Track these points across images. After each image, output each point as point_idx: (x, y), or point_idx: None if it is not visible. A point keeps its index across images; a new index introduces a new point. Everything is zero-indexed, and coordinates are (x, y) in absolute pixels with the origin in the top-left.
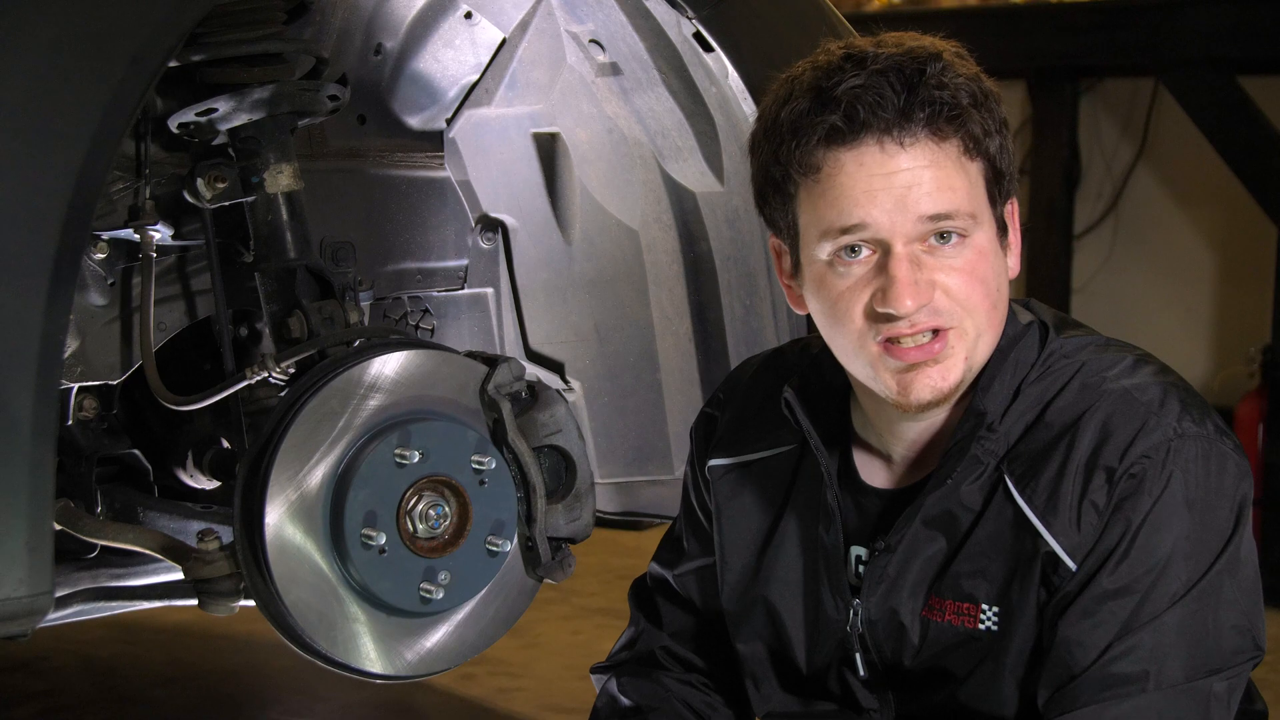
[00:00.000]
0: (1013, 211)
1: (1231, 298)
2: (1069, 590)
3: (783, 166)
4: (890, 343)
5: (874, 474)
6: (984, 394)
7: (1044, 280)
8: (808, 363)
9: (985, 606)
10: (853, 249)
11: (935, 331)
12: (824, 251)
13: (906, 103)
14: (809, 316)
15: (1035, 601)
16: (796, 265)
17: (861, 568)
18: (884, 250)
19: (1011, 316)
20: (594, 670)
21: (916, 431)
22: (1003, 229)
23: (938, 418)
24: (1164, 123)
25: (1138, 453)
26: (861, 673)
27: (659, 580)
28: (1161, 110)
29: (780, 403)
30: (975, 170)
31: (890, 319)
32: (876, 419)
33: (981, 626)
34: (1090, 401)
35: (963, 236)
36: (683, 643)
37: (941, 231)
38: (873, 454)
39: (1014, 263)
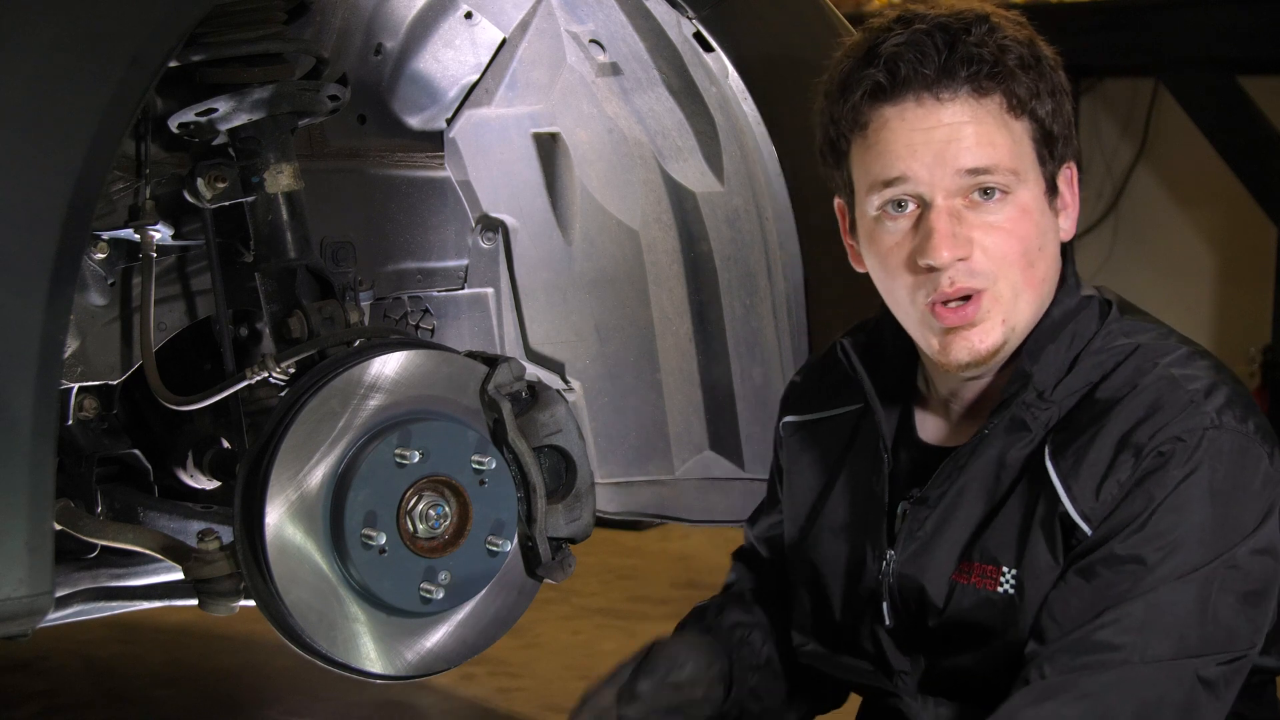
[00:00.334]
0: (1071, 177)
1: (1231, 298)
2: (1079, 552)
3: (836, 125)
4: (941, 304)
5: (933, 432)
6: (1032, 358)
7: None
8: (873, 322)
9: (1005, 569)
10: (899, 204)
11: (972, 293)
12: (873, 206)
13: (948, 59)
14: (809, 317)
15: (1057, 566)
16: (853, 223)
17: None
18: (925, 204)
19: (1072, 288)
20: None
21: (968, 387)
22: (1053, 190)
23: (987, 377)
24: (1164, 123)
25: (1170, 434)
26: (888, 621)
27: (745, 542)
28: (1161, 110)
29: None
30: (1020, 129)
31: (931, 271)
32: (932, 372)
33: (999, 590)
34: (1138, 382)
35: (1005, 193)
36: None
37: (984, 187)
38: (933, 412)
39: (1069, 225)
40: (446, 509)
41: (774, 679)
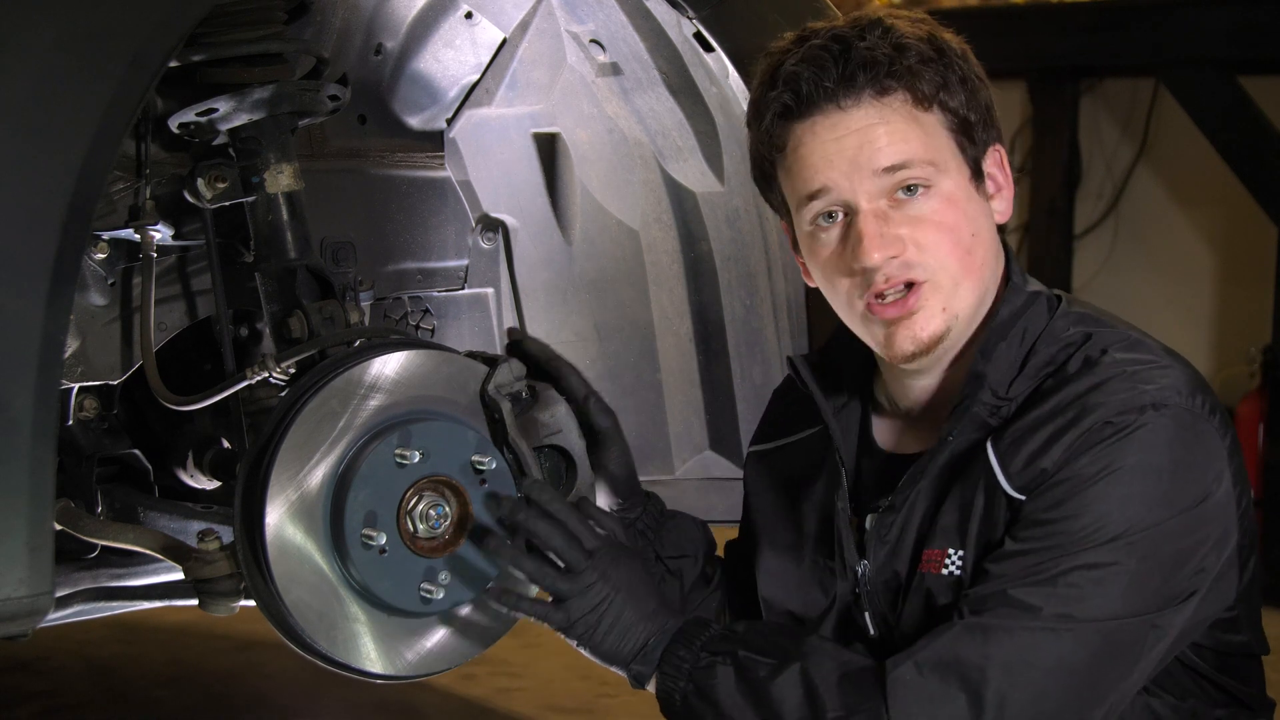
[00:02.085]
0: (1000, 159)
1: (1231, 298)
2: (1014, 518)
3: (758, 150)
4: (876, 299)
5: (891, 439)
6: (985, 359)
7: (1044, 280)
8: (827, 342)
9: (951, 551)
10: (829, 214)
11: (911, 285)
12: (805, 221)
13: (845, 68)
14: (809, 317)
15: (997, 541)
16: (795, 240)
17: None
18: (852, 210)
19: (1018, 286)
20: None
21: (921, 389)
22: (979, 175)
23: (935, 374)
24: (1164, 123)
25: (1112, 410)
26: (872, 631)
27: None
28: (1161, 110)
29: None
30: (932, 121)
31: (868, 273)
32: (888, 376)
33: (944, 572)
34: (1087, 368)
35: (927, 187)
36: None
37: (906, 185)
38: (891, 419)
39: (1004, 207)
40: (446, 509)
41: None
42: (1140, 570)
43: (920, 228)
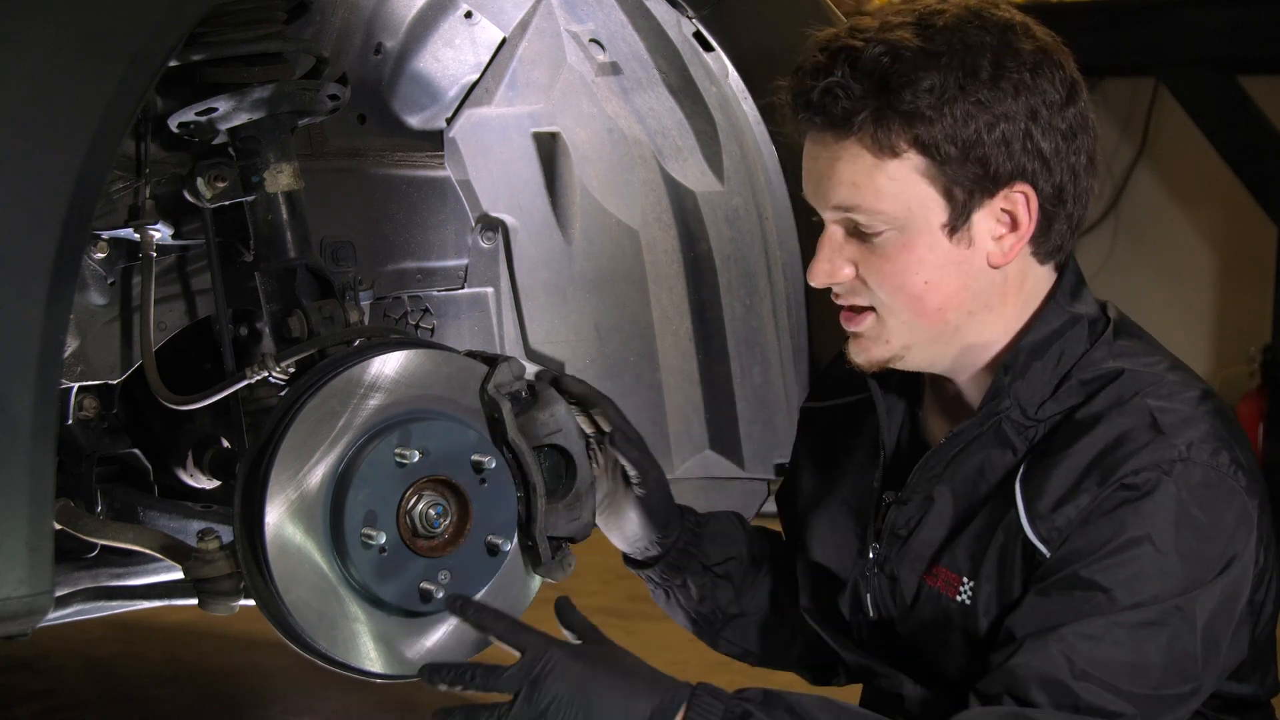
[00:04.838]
0: (1023, 200)
1: (1231, 297)
2: (1039, 575)
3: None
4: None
5: (935, 431)
6: (1010, 373)
7: None
8: None
9: (966, 580)
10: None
11: (859, 309)
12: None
13: (819, 96)
14: (809, 316)
15: (1016, 586)
16: None
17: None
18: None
19: (1060, 307)
20: None
21: (950, 387)
22: (964, 218)
23: (961, 377)
24: (1164, 123)
25: (1138, 465)
26: (870, 612)
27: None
28: (1161, 110)
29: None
30: (900, 167)
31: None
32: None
33: (958, 599)
34: (1115, 410)
35: (880, 230)
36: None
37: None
38: (934, 412)
39: (1006, 249)
40: (446, 508)
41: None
42: (1171, 641)
43: (871, 263)
